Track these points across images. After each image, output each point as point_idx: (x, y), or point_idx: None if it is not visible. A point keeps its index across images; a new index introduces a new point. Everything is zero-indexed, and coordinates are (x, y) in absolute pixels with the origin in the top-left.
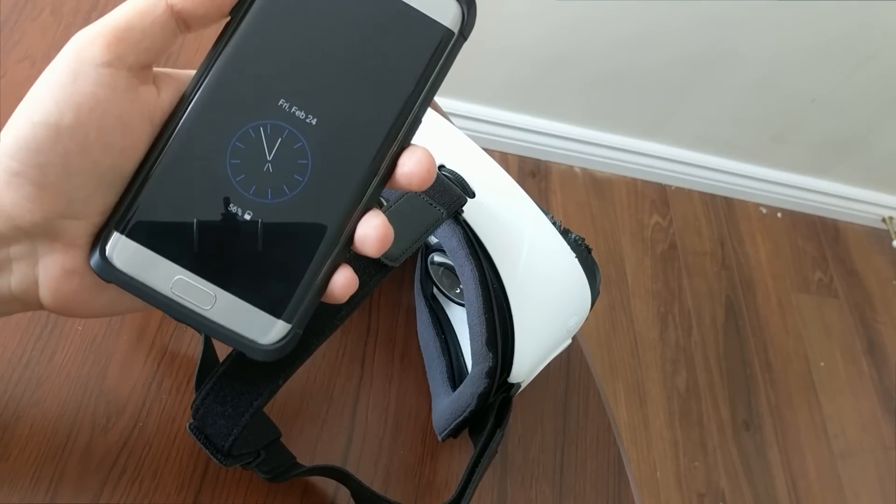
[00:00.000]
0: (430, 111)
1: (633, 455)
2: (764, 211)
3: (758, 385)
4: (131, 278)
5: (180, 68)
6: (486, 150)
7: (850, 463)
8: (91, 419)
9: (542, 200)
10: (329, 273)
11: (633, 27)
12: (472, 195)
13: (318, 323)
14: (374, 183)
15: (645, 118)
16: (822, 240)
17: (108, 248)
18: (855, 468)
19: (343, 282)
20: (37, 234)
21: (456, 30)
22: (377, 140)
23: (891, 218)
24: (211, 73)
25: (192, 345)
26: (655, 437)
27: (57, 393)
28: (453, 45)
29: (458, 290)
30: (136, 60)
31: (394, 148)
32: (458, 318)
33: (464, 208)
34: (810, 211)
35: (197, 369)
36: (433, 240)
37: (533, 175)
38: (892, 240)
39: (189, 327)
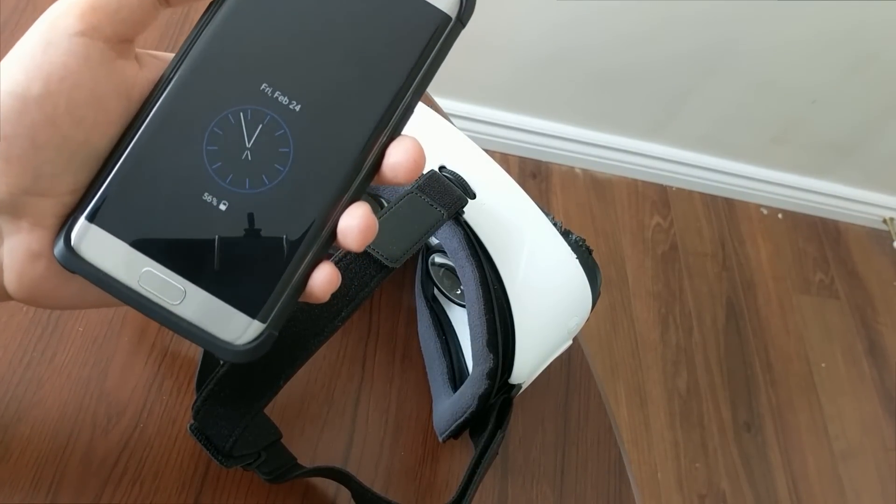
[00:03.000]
0: (430, 112)
1: (633, 456)
2: (765, 212)
3: (759, 386)
4: (97, 269)
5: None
6: (486, 151)
7: (851, 464)
8: (92, 420)
9: (543, 201)
10: (309, 270)
11: (634, 29)
12: (473, 196)
13: (319, 324)
14: (359, 175)
15: (646, 119)
16: (822, 241)
17: (73, 235)
18: (856, 469)
19: (323, 279)
20: (1, 211)
21: (453, 15)
22: (365, 130)
23: (892, 219)
24: (191, 53)
25: (192, 346)
26: (656, 438)
27: (58, 394)
28: (450, 31)
29: (458, 291)
30: (113, 32)
31: (382, 138)
32: (459, 319)
33: (464, 209)
34: (811, 212)
35: (198, 370)
36: (434, 241)
37: (534, 176)
38: (892, 241)
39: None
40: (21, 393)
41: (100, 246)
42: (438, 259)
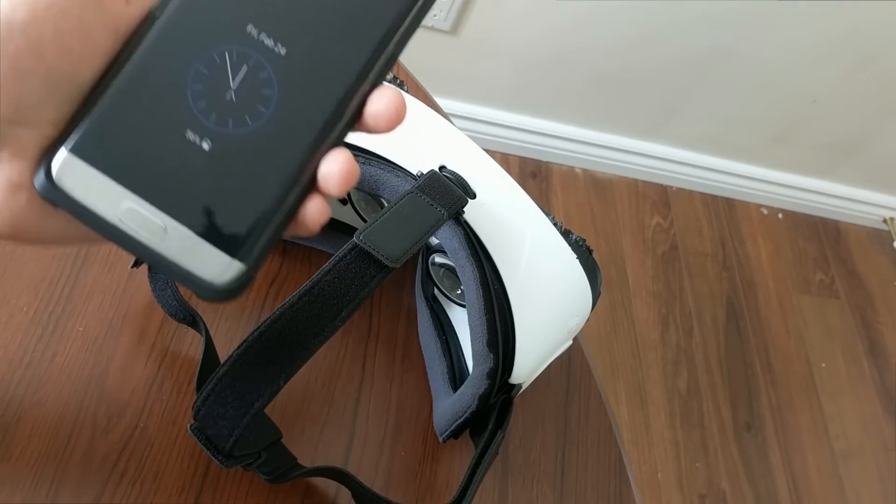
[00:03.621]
0: (430, 111)
1: (634, 456)
2: (765, 212)
3: (759, 386)
4: (77, 202)
5: None
6: (486, 150)
7: (851, 464)
8: (92, 420)
9: (543, 201)
10: (289, 212)
11: (634, 28)
12: (473, 196)
13: (319, 324)
14: (342, 120)
15: (646, 119)
16: (823, 241)
17: (53, 166)
18: (856, 469)
19: (314, 211)
20: None
21: None
22: (349, 75)
23: (892, 219)
24: None
25: (192, 346)
26: (656, 437)
27: (58, 394)
28: None
29: (458, 291)
30: None
31: (365, 86)
32: (459, 319)
33: (465, 209)
34: (811, 212)
35: (198, 370)
36: (434, 241)
37: (534, 176)
38: (893, 241)
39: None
40: (21, 393)
41: (81, 178)
42: (438, 259)
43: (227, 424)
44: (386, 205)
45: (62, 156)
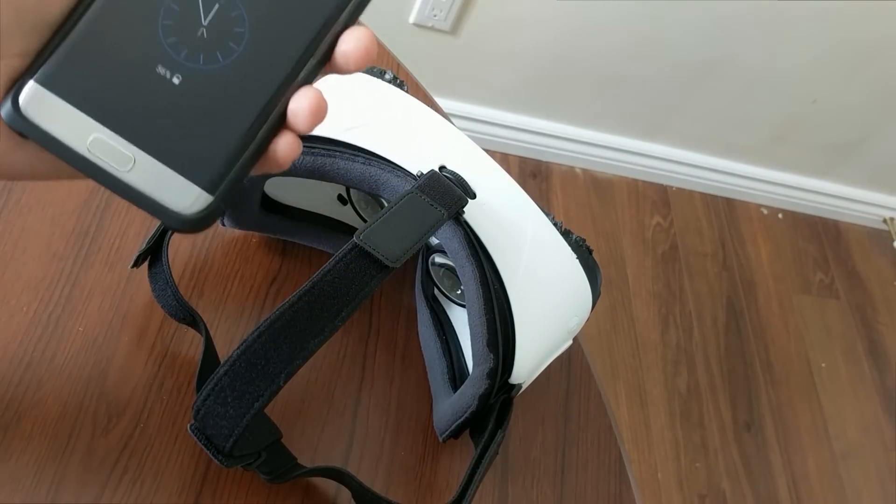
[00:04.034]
0: (430, 111)
1: (634, 456)
2: (765, 212)
3: (759, 386)
4: (45, 132)
5: None
6: (486, 150)
7: (851, 464)
8: (92, 420)
9: (543, 201)
10: (258, 147)
11: (635, 28)
12: (473, 196)
13: (318, 324)
14: (312, 59)
15: (646, 119)
16: (823, 241)
17: (21, 97)
18: (856, 469)
19: (286, 144)
20: None
21: None
22: (320, 14)
23: (892, 219)
24: None
25: (192, 346)
26: (656, 438)
27: (58, 394)
28: None
29: (458, 291)
30: None
31: (337, 26)
32: (459, 319)
33: (465, 209)
34: (811, 212)
35: (198, 370)
36: (434, 241)
37: (534, 176)
38: (893, 241)
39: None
40: (21, 393)
41: (49, 109)
42: (438, 259)
43: (227, 424)
44: (386, 205)
45: (30, 86)
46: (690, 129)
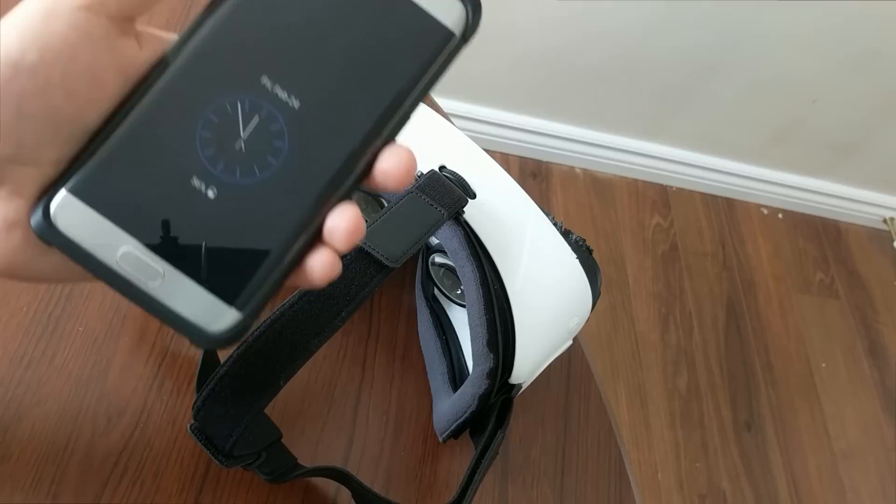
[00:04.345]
0: (430, 112)
1: (634, 456)
2: (765, 212)
3: (759, 386)
4: (75, 244)
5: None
6: (486, 150)
7: (851, 464)
8: (92, 420)
9: (543, 201)
10: (291, 263)
11: (635, 28)
12: (473, 196)
13: (318, 324)
14: (350, 176)
15: (646, 119)
16: (823, 241)
17: (52, 206)
18: (856, 469)
19: (321, 262)
20: None
21: (458, 32)
22: (360, 133)
23: (892, 219)
24: (195, 36)
25: (192, 346)
26: (656, 438)
27: (58, 394)
28: (453, 48)
29: (458, 291)
30: (118, 9)
31: (376, 143)
32: (459, 319)
33: (465, 209)
34: (811, 212)
35: (198, 370)
36: (434, 241)
37: (534, 176)
38: (893, 241)
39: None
40: (21, 393)
41: (79, 220)
42: (438, 259)
43: (227, 424)
44: (386, 205)
45: (61, 196)
46: (690, 129)
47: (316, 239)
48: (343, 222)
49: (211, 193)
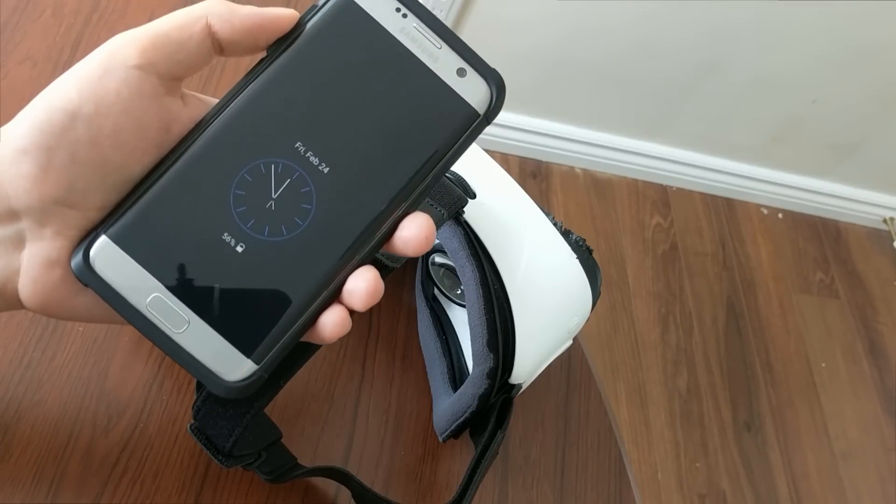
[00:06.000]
0: None
1: (634, 456)
2: (765, 212)
3: (759, 386)
4: (109, 286)
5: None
6: (486, 150)
7: (851, 464)
8: (92, 420)
9: (543, 201)
10: (309, 320)
11: (634, 28)
12: (473, 196)
13: None
14: (372, 241)
15: (646, 119)
16: (823, 241)
17: (92, 250)
18: (856, 469)
19: (334, 321)
20: (28, 216)
21: (482, 112)
22: (384, 201)
23: (892, 219)
24: (235, 101)
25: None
26: (656, 437)
27: (58, 394)
28: (476, 126)
29: (458, 291)
30: (167, 70)
31: (398, 212)
32: (459, 318)
33: (465, 209)
34: (811, 212)
35: None
36: (434, 240)
37: (534, 176)
38: (893, 240)
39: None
40: (21, 392)
41: (115, 264)
42: (438, 259)
43: (227, 424)
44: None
45: (101, 241)
46: (690, 129)
47: (335, 297)
48: (364, 283)
49: (240, 248)
